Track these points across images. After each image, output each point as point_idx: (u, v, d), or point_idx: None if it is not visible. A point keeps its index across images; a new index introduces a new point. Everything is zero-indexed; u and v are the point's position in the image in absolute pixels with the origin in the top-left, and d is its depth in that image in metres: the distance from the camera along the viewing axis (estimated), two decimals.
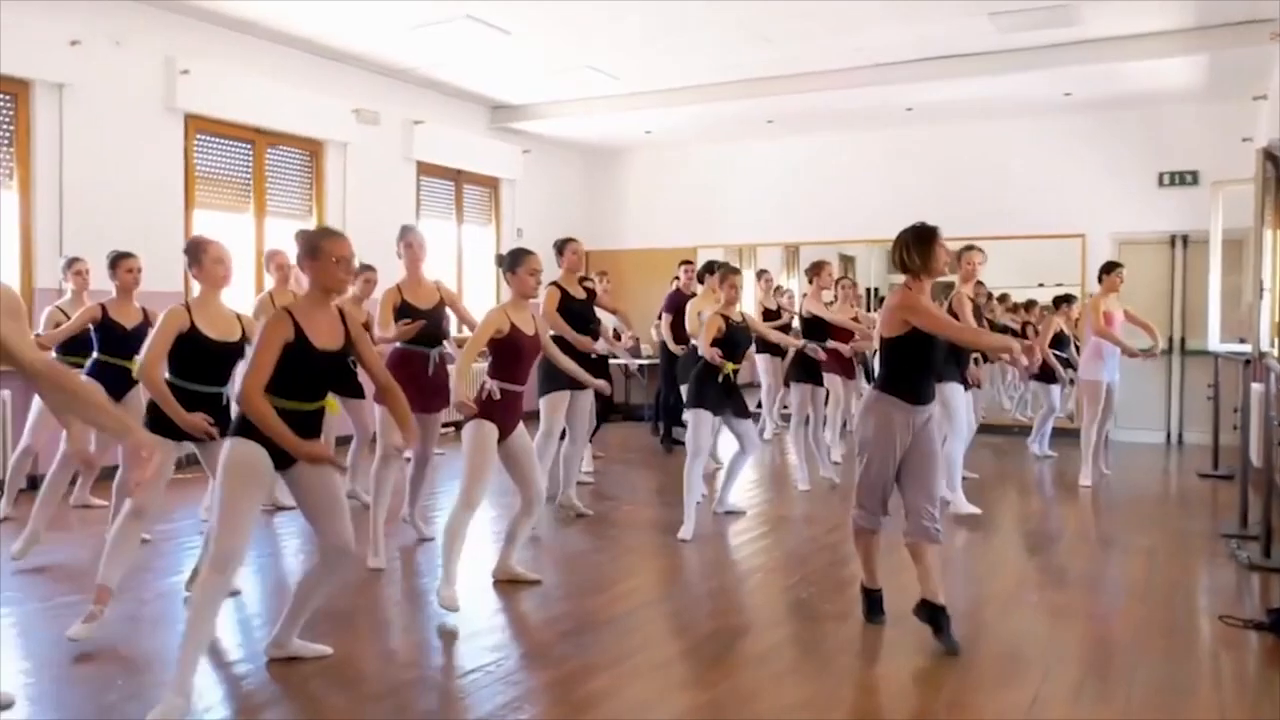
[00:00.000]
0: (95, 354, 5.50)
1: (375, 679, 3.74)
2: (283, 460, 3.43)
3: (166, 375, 4.12)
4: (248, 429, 3.33)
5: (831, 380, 7.68)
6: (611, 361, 8.90)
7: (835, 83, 9.54)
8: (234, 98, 8.17)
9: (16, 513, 6.12)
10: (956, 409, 6.38)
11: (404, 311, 5.18)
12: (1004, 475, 8.38)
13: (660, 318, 8.48)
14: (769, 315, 9.27)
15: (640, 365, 10.77)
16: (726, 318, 5.95)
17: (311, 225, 9.14)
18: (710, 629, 4.35)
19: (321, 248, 3.43)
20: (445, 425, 5.83)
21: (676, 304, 8.26)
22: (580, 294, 6.29)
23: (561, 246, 6.29)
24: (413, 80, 9.91)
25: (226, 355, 4.21)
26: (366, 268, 6.56)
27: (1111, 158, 10.39)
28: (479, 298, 10.66)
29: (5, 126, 6.91)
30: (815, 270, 7.22)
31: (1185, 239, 10.14)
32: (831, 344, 7.32)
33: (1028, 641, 4.20)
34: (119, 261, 5.36)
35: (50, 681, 3.67)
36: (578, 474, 6.67)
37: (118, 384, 5.35)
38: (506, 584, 4.92)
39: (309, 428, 3.46)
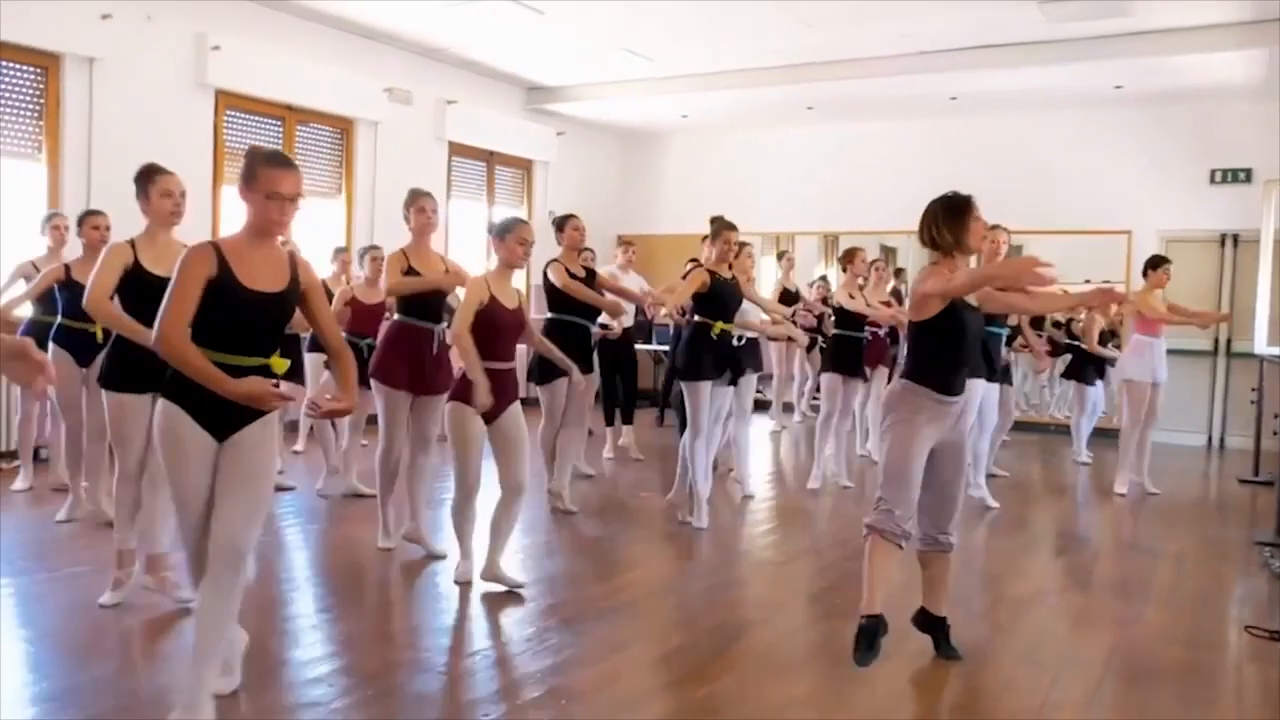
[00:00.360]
0: (59, 318, 5.21)
1: (370, 659, 3.69)
2: (220, 428, 2.88)
3: None
4: (172, 390, 2.86)
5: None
6: (639, 347, 8.79)
7: (878, 70, 9.34)
8: (265, 74, 8.16)
9: (37, 481, 6.18)
10: (978, 402, 5.99)
11: (407, 276, 4.85)
12: (1036, 475, 8.18)
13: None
14: (787, 298, 9.10)
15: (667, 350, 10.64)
16: (714, 274, 5.61)
17: (341, 203, 9.15)
18: (715, 621, 4.25)
19: (257, 176, 2.85)
20: None
21: None
22: (580, 273, 6.06)
23: (562, 223, 6.06)
24: (446, 60, 9.86)
25: None
26: (373, 248, 6.40)
27: (1161, 153, 10.10)
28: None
29: (35, 100, 6.95)
30: (848, 258, 6.93)
31: (1236, 238, 9.83)
32: (869, 332, 7.09)
33: (1043, 645, 4.06)
34: (85, 219, 5.16)
35: (48, 650, 3.67)
36: (574, 463, 6.41)
37: (83, 350, 5.11)
38: (509, 570, 4.86)
39: None
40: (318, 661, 3.64)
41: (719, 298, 5.60)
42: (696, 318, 5.61)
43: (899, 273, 10.72)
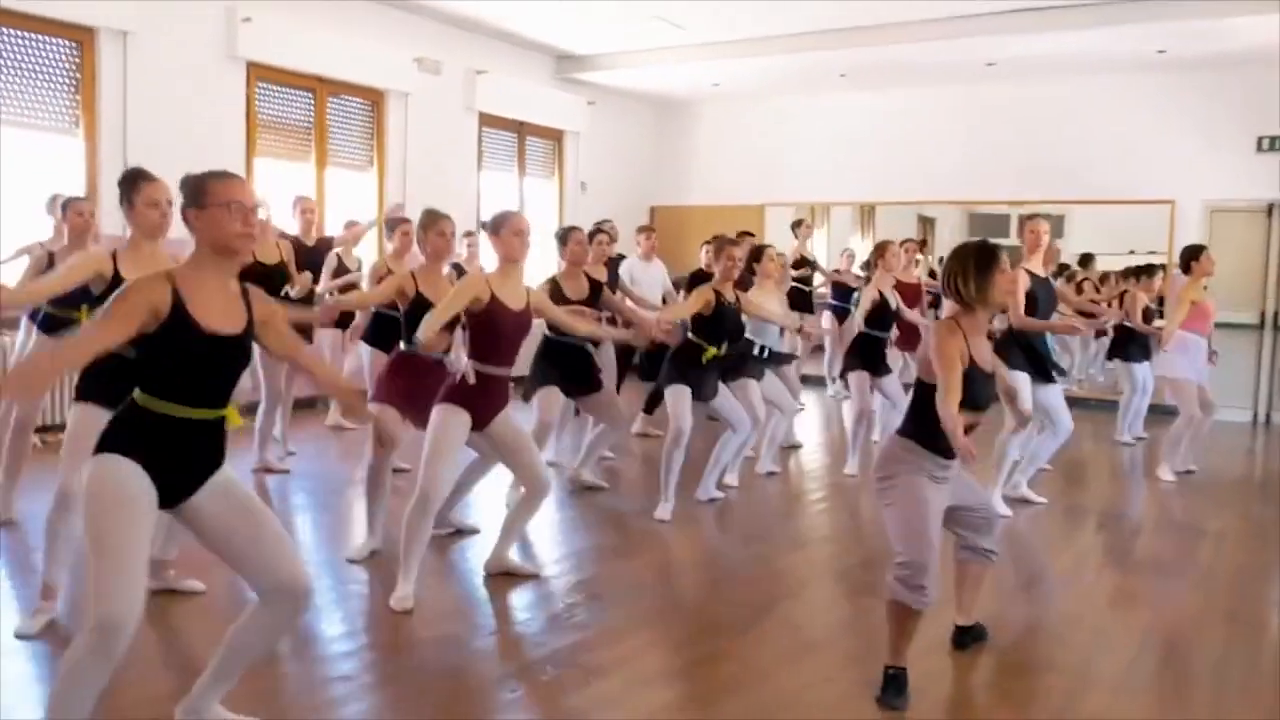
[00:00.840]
0: (43, 306, 4.89)
1: (398, 634, 3.72)
2: (175, 484, 2.52)
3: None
4: (117, 441, 2.46)
5: (895, 360, 7.20)
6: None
7: (913, 35, 9.14)
8: (295, 46, 8.14)
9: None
10: (1036, 400, 5.59)
11: (415, 303, 4.46)
12: (1078, 452, 8.01)
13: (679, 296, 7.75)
14: (803, 266, 8.95)
15: None
16: (719, 294, 5.34)
17: (372, 175, 9.15)
18: (742, 598, 4.23)
19: (209, 191, 2.51)
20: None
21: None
22: (581, 290, 5.50)
23: (565, 236, 5.56)
24: (476, 29, 9.77)
25: None
26: (403, 220, 6.24)
27: (1206, 120, 9.81)
28: (539, 258, 10.38)
29: (71, 74, 6.98)
30: (879, 253, 6.62)
31: None
32: (904, 319, 6.91)
33: (1077, 623, 4.02)
34: (69, 205, 5.01)
35: (61, 627, 3.66)
36: (599, 452, 6.17)
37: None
38: (536, 546, 4.87)
39: (203, 446, 2.56)
40: (346, 636, 3.68)
41: (720, 321, 5.35)
42: (691, 336, 5.37)
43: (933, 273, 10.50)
